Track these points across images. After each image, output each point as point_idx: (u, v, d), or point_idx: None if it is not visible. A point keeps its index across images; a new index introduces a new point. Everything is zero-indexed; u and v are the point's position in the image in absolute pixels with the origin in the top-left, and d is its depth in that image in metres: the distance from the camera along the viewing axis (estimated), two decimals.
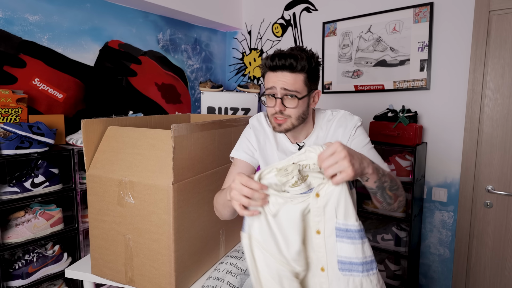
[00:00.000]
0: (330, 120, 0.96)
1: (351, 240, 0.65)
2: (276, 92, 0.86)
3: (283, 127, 0.89)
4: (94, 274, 1.08)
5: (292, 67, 0.83)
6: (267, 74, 0.89)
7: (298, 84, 0.85)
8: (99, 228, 1.04)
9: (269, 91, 0.88)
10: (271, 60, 0.85)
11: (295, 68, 0.84)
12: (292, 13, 2.29)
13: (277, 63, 0.84)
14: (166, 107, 2.25)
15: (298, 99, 0.85)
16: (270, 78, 0.88)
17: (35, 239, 1.35)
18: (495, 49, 1.61)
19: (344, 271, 0.66)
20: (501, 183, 1.64)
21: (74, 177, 1.47)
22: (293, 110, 0.86)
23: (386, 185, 0.76)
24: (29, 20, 1.57)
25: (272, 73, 0.87)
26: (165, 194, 0.91)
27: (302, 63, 0.84)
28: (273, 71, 0.87)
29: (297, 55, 0.83)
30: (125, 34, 1.97)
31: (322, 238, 0.68)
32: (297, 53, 0.84)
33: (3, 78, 1.49)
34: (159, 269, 0.96)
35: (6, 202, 1.27)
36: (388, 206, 0.83)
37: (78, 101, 1.78)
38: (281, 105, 0.86)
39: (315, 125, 0.97)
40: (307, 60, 0.85)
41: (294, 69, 0.84)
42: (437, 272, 1.84)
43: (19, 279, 1.32)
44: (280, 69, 0.85)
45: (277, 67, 0.85)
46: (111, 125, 1.09)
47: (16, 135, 1.30)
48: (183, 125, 0.94)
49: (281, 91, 0.85)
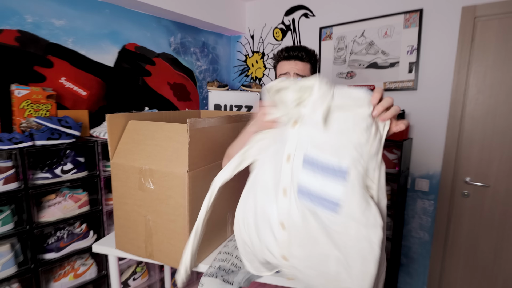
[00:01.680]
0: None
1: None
2: (290, 76, 1.01)
3: None
4: (118, 249, 1.12)
5: (302, 57, 1.00)
6: (281, 63, 1.03)
7: (306, 71, 1.01)
8: (122, 210, 1.08)
9: (284, 76, 1.02)
10: (286, 52, 1.01)
11: (304, 58, 1.00)
12: (292, 19, 2.29)
13: (292, 54, 1.00)
14: (177, 104, 2.28)
15: None
16: (284, 65, 1.02)
17: (65, 218, 1.40)
18: (479, 53, 1.60)
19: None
20: (478, 175, 1.67)
21: (98, 165, 1.51)
22: None
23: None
24: (55, 25, 1.59)
25: (286, 61, 1.01)
26: (181, 180, 0.95)
27: (309, 55, 1.00)
28: (287, 60, 1.01)
29: (305, 48, 1.00)
30: (141, 37, 1.99)
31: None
32: (304, 48, 1.01)
33: (34, 77, 1.52)
34: (175, 246, 1.00)
35: (39, 186, 1.31)
36: None
37: (100, 98, 1.82)
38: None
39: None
40: (311, 54, 1.01)
41: (303, 59, 1.00)
42: (417, 253, 1.89)
43: (52, 252, 1.37)
44: (294, 58, 1.00)
45: (291, 57, 1.00)
46: (131, 119, 1.12)
47: (47, 128, 1.34)
48: (197, 120, 0.96)
49: (294, 76, 0.99)
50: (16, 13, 1.45)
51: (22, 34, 1.47)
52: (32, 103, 1.37)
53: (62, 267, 1.45)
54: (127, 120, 1.11)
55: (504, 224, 1.62)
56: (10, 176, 1.23)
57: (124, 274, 1.67)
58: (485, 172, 1.65)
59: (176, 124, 1.01)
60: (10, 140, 1.21)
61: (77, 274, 1.46)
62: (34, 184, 1.30)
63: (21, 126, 1.33)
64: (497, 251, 1.65)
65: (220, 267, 0.94)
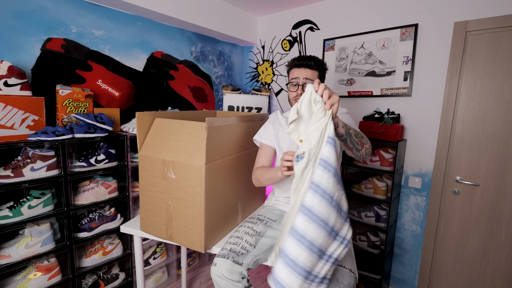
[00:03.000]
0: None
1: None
2: (299, 80, 1.03)
3: None
4: (142, 230, 1.13)
5: (311, 66, 1.02)
6: (293, 70, 1.06)
7: (314, 76, 1.03)
8: (147, 196, 1.09)
9: (294, 80, 1.05)
10: (298, 60, 1.04)
11: (313, 67, 1.02)
12: (298, 32, 2.26)
13: (302, 62, 1.03)
14: (196, 105, 2.29)
15: None
16: (295, 72, 1.05)
17: (97, 202, 1.41)
18: (470, 64, 1.56)
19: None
20: (468, 175, 1.61)
21: (126, 156, 1.52)
22: None
23: (351, 131, 0.83)
24: (95, 34, 1.61)
25: (297, 69, 1.04)
26: (199, 171, 0.94)
27: (318, 64, 1.03)
28: (298, 68, 1.04)
29: (314, 58, 1.03)
30: (166, 46, 2.00)
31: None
32: (314, 57, 1.04)
33: (75, 79, 1.55)
34: (192, 229, 1.00)
35: (76, 174, 1.33)
36: (358, 152, 0.88)
37: (130, 98, 1.84)
38: (302, 89, 1.03)
39: None
40: (320, 63, 1.04)
41: (312, 67, 1.02)
42: (410, 245, 1.83)
43: (85, 232, 1.39)
44: (304, 66, 1.03)
45: (301, 65, 1.03)
46: (157, 117, 1.12)
47: (84, 123, 1.36)
48: (214, 119, 0.96)
49: (303, 80, 1.02)
50: (63, 24, 1.48)
51: (67, 42, 1.50)
52: (73, 101, 1.40)
53: (93, 245, 1.46)
54: (153, 118, 1.12)
55: (492, 220, 1.55)
56: (52, 164, 1.25)
57: (145, 254, 1.68)
58: (475, 172, 1.58)
59: (196, 122, 1.02)
60: (54, 132, 1.24)
61: (105, 251, 1.47)
62: (72, 172, 1.33)
63: (63, 121, 1.36)
64: (486, 245, 1.58)
65: (231, 250, 0.93)
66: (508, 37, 1.44)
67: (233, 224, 1.18)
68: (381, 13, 1.82)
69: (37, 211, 1.22)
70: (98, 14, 1.61)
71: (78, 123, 1.35)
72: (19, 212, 1.17)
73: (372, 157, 1.74)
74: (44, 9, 1.41)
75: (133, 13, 1.76)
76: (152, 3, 1.70)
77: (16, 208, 1.16)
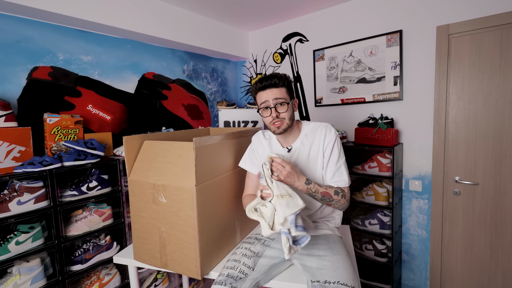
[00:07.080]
0: (314, 130, 1.00)
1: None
2: (270, 103, 0.94)
3: (282, 128, 0.96)
4: (136, 259, 1.05)
5: (276, 84, 0.94)
6: (259, 94, 0.97)
7: (283, 94, 0.95)
8: (138, 223, 1.02)
9: (264, 104, 0.96)
10: (260, 83, 0.95)
11: (278, 84, 0.94)
12: (289, 44, 2.26)
13: (265, 83, 0.94)
14: (192, 123, 2.24)
15: (287, 103, 0.94)
16: (262, 95, 0.96)
17: (91, 231, 1.33)
18: (455, 65, 1.53)
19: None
20: (466, 174, 1.55)
21: (120, 181, 1.45)
22: (285, 113, 0.95)
23: (316, 196, 0.90)
24: (83, 60, 1.58)
25: (262, 92, 0.96)
26: (190, 194, 0.88)
27: (282, 80, 0.94)
28: (263, 90, 0.95)
29: (276, 75, 0.94)
30: (158, 67, 1.98)
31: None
32: (275, 75, 0.95)
33: (64, 105, 1.50)
34: (187, 255, 0.92)
35: (67, 203, 1.25)
36: (323, 204, 0.95)
37: (123, 121, 1.78)
38: (275, 111, 0.94)
39: (301, 133, 1.02)
40: (283, 79, 0.95)
41: (277, 85, 0.94)
42: (417, 250, 1.74)
43: (78, 264, 1.29)
44: (268, 87, 0.94)
45: (266, 86, 0.94)
46: (146, 139, 1.07)
47: (74, 150, 1.29)
48: (202, 138, 0.91)
49: (273, 101, 0.94)
50: (49, 52, 1.45)
51: (54, 70, 1.46)
52: (62, 129, 1.34)
53: (89, 277, 1.36)
54: (142, 141, 1.07)
55: (496, 219, 1.47)
56: (41, 195, 1.17)
57: (146, 281, 1.57)
58: (473, 171, 1.52)
59: (185, 142, 0.96)
60: (41, 163, 1.17)
61: (102, 283, 1.36)
62: (62, 202, 1.25)
63: (52, 149, 1.29)
64: (493, 246, 1.49)
65: (228, 275, 0.85)
66: (489, 38, 1.43)
67: (232, 244, 1.10)
68: (367, 21, 1.82)
69: (25, 247, 1.13)
70: (85, 40, 1.58)
71: (67, 150, 1.29)
72: (6, 250, 1.08)
73: (370, 163, 1.68)
74: (29, 39, 1.37)
75: (121, 36, 1.74)
76: (141, 26, 1.68)
77: (2, 245, 1.07)
